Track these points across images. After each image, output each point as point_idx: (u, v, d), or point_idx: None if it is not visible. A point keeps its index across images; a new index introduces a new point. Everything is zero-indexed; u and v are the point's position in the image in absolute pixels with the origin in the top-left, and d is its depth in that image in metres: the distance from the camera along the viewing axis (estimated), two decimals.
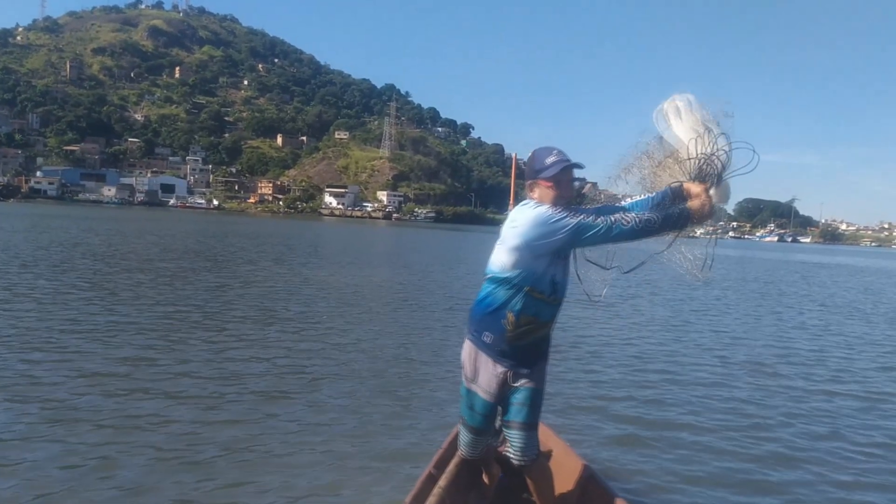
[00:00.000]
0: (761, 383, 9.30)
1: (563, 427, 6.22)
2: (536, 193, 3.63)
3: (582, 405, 7.61)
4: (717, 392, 8.62)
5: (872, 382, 9.80)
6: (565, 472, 4.27)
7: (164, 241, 33.22)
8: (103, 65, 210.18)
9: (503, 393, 3.71)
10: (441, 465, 4.13)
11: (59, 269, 17.75)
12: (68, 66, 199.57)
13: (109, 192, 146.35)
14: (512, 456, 3.76)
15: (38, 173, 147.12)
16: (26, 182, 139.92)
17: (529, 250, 3.49)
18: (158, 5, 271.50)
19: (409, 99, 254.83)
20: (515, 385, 3.68)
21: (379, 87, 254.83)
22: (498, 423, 3.92)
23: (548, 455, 4.28)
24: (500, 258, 3.59)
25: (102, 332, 9.89)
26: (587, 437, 6.54)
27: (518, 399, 3.69)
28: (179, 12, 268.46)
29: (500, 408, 3.78)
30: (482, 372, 3.71)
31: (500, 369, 3.67)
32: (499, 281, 3.60)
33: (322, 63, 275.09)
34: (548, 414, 5.93)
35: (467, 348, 3.78)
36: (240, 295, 14.99)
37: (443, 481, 3.88)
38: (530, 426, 3.71)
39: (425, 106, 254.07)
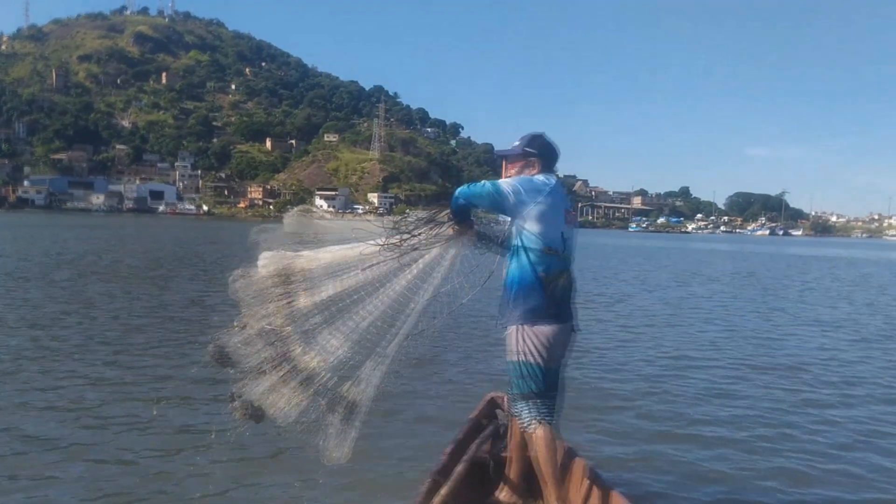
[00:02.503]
0: (778, 386, 8.90)
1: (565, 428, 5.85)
2: None
3: (588, 406, 7.35)
4: (731, 395, 8.23)
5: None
6: (568, 473, 4.29)
7: (146, 249, 32.73)
8: (89, 72, 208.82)
9: None
10: (444, 472, 4.07)
11: (33, 282, 17.28)
12: (54, 73, 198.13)
13: (98, 199, 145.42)
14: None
15: (26, 182, 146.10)
16: (13, 192, 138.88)
17: None
18: (144, 11, 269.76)
19: (398, 100, 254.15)
20: None
21: (367, 88, 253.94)
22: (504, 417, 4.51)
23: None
24: None
25: (78, 344, 9.44)
26: (593, 439, 6.25)
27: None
28: (165, 18, 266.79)
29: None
30: None
31: None
32: None
33: (310, 66, 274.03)
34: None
35: None
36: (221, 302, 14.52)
37: (444, 490, 3.80)
38: (514, 397, 3.98)
39: (414, 107, 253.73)
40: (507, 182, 3.91)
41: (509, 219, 3.98)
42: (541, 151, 4.09)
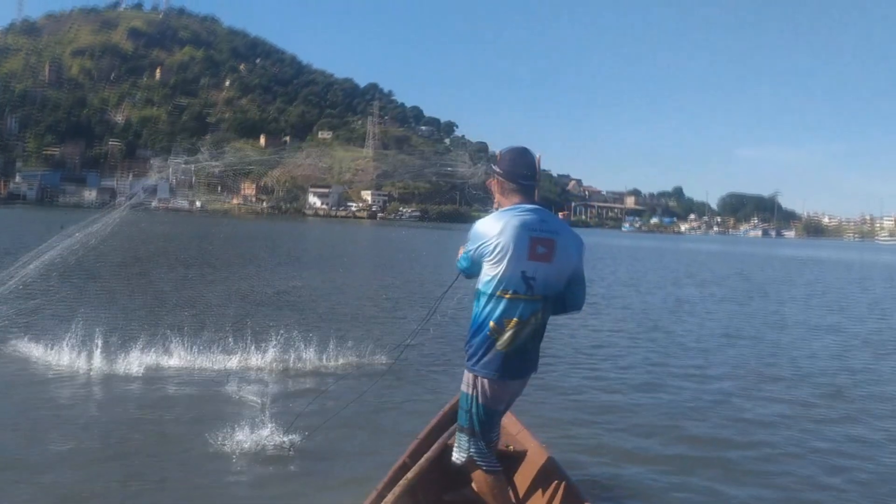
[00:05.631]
0: (781, 397, 8.79)
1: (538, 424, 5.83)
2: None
3: (571, 409, 7.26)
4: (714, 403, 8.12)
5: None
6: (538, 473, 4.31)
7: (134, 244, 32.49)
8: (83, 67, 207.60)
9: None
10: (415, 456, 4.13)
11: None
12: (47, 68, 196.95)
13: (90, 194, 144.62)
14: None
15: (18, 177, 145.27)
16: (5, 186, 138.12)
17: None
18: (138, 6, 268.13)
19: (393, 98, 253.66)
20: None
21: (362, 86, 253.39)
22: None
23: (522, 455, 4.47)
24: None
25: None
26: (567, 441, 6.26)
27: None
28: (159, 13, 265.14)
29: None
30: None
31: None
32: None
33: (304, 63, 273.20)
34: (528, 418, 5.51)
35: None
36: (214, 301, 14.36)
37: (411, 473, 3.85)
38: (460, 427, 3.88)
39: (409, 105, 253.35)
40: (469, 243, 3.74)
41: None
42: (502, 170, 3.79)
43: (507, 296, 3.58)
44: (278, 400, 7.17)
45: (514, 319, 3.59)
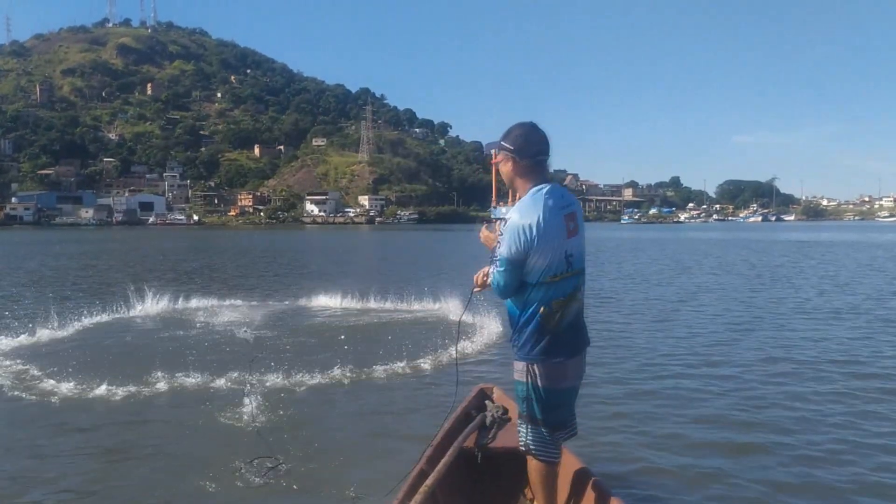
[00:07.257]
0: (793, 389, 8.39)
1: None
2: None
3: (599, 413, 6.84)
4: (753, 396, 7.73)
5: None
6: (569, 478, 4.19)
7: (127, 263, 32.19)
8: (74, 86, 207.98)
9: None
10: (431, 462, 4.10)
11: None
12: (38, 88, 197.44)
13: (87, 213, 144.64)
14: None
15: (14, 199, 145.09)
16: (1, 209, 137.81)
17: None
18: (126, 23, 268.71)
19: (385, 101, 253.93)
20: None
21: (354, 91, 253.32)
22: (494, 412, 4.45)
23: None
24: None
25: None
26: (599, 447, 5.89)
27: None
28: (147, 28, 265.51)
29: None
30: None
31: None
32: None
33: (295, 71, 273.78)
34: None
35: None
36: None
37: (430, 480, 3.82)
38: (520, 415, 3.80)
39: (401, 108, 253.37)
40: (503, 247, 3.52)
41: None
42: (515, 146, 3.64)
43: (554, 279, 3.57)
44: (289, 413, 6.97)
45: (562, 299, 3.59)
